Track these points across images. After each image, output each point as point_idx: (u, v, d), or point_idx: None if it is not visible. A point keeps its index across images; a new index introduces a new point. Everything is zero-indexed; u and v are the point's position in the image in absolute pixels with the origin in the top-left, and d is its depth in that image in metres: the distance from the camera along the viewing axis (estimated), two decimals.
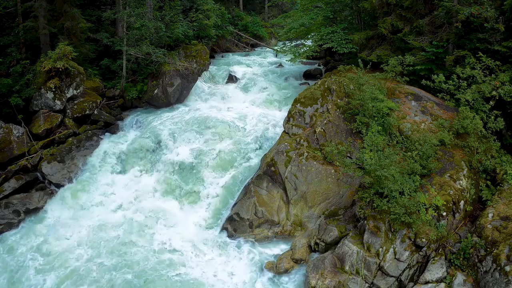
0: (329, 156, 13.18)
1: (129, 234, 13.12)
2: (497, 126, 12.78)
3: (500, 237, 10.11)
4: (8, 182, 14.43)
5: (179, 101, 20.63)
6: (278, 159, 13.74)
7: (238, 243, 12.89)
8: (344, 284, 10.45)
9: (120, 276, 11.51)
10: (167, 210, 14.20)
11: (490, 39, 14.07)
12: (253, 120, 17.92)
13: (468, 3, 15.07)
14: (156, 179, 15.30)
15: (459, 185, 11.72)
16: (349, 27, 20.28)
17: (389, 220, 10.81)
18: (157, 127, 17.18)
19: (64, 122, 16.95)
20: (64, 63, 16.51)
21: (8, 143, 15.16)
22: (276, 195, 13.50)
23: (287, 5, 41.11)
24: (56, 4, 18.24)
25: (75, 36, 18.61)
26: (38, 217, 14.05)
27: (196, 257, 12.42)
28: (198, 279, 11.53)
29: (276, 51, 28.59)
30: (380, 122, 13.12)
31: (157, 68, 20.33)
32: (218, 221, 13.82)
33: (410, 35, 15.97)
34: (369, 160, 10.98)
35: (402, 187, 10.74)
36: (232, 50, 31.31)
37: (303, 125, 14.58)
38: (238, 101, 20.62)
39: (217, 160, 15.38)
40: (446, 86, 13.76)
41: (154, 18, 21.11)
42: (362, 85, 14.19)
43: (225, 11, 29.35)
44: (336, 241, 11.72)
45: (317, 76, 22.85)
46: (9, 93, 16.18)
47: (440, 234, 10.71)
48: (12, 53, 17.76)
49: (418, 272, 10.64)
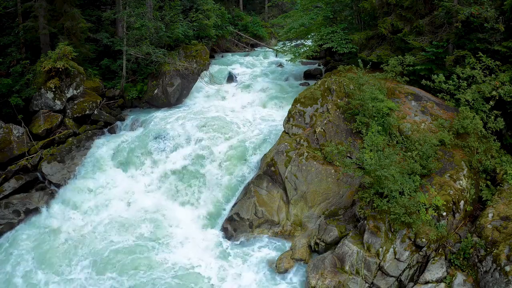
0: (329, 156, 13.18)
1: (129, 233, 13.15)
2: (497, 126, 12.78)
3: (500, 237, 10.11)
4: (8, 182, 14.43)
5: (179, 101, 20.65)
6: (278, 159, 13.75)
7: (238, 243, 12.88)
8: (344, 284, 10.45)
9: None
10: (167, 209, 14.22)
11: (490, 39, 14.07)
12: (253, 120, 17.93)
13: (468, 3, 15.07)
14: (156, 179, 15.32)
15: (459, 185, 11.72)
16: (349, 27, 20.28)
17: (389, 220, 10.81)
18: (157, 127, 17.18)
19: (64, 122, 16.95)
20: (64, 63, 16.51)
21: (8, 143, 15.16)
22: (276, 195, 13.50)
23: (287, 5, 41.11)
24: (56, 4, 18.24)
25: (75, 36, 18.62)
26: (38, 217, 14.05)
27: (195, 257, 12.42)
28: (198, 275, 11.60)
29: (276, 51, 28.58)
30: (380, 122, 13.11)
31: (157, 68, 20.33)
32: (218, 221, 13.83)
33: (410, 35, 15.96)
34: (369, 160, 10.98)
35: (402, 187, 10.74)
36: (232, 50, 31.31)
37: (303, 125, 14.58)
38: (238, 101, 20.61)
39: (216, 160, 15.38)
40: (446, 86, 13.76)
41: (154, 18, 21.12)
42: (362, 85, 14.19)
43: (225, 11, 29.35)
44: (336, 241, 11.72)
45: (317, 76, 22.86)
46: (9, 93, 16.18)
47: (440, 234, 10.71)
48: (12, 53, 17.76)
49: (418, 272, 10.64)
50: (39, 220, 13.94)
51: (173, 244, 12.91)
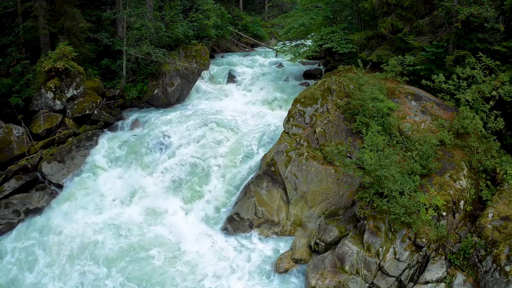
0: (329, 156, 13.18)
1: (128, 232, 13.16)
2: (497, 126, 12.78)
3: (500, 237, 10.11)
4: (8, 182, 14.44)
5: (179, 101, 20.65)
6: (278, 159, 13.75)
7: (238, 243, 12.87)
8: (344, 284, 10.45)
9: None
10: (167, 209, 14.24)
11: (490, 39, 14.07)
12: (253, 120, 17.91)
13: (468, 3, 15.09)
14: (156, 178, 15.31)
15: (459, 185, 11.72)
16: (349, 27, 20.27)
17: (389, 220, 10.81)
18: (157, 127, 17.18)
19: (64, 122, 16.95)
20: (64, 63, 16.51)
21: (8, 143, 15.16)
22: (276, 195, 13.50)
23: (287, 5, 41.13)
24: (56, 4, 18.24)
25: (75, 36, 18.62)
26: (38, 217, 14.05)
27: (196, 257, 12.43)
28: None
29: (276, 51, 28.57)
30: (380, 122, 13.11)
31: (157, 68, 20.32)
32: (218, 220, 13.83)
33: (410, 35, 15.96)
34: (369, 160, 10.98)
35: (402, 187, 10.74)
36: (232, 50, 31.29)
37: (303, 125, 14.58)
38: (238, 101, 20.63)
39: (216, 160, 15.38)
40: (446, 86, 13.76)
41: (154, 18, 21.10)
42: (362, 85, 14.19)
43: (225, 11, 29.33)
44: (336, 241, 11.71)
45: (317, 76, 22.83)
46: (9, 93, 16.19)
47: (440, 234, 10.70)
48: (12, 53, 17.76)
49: (418, 272, 10.64)
50: (39, 220, 13.94)
51: (173, 244, 12.90)
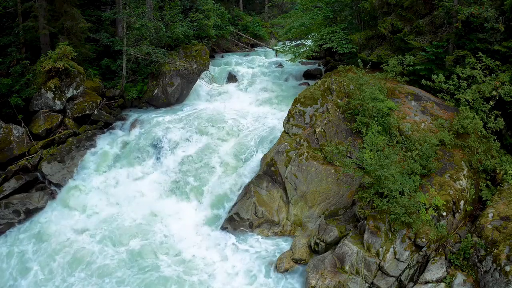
0: (329, 156, 13.18)
1: (129, 232, 13.16)
2: (497, 126, 12.78)
3: (500, 237, 10.11)
4: (8, 182, 14.44)
5: (179, 101, 20.65)
6: (278, 159, 13.75)
7: (238, 243, 12.87)
8: (344, 284, 10.45)
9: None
10: (166, 209, 14.23)
11: (490, 39, 14.07)
12: (253, 120, 17.92)
13: (468, 3, 15.09)
14: (156, 178, 15.31)
15: (459, 185, 11.72)
16: (349, 27, 20.28)
17: (389, 220, 10.81)
18: (157, 126, 17.18)
19: (64, 122, 16.96)
20: (64, 63, 16.51)
21: (8, 143, 15.17)
22: (276, 195, 13.50)
23: (287, 5, 41.14)
24: (56, 4, 18.25)
25: (75, 36, 18.63)
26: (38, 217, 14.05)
27: (196, 256, 12.43)
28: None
29: (276, 51, 28.58)
30: (380, 122, 13.11)
31: (157, 68, 20.32)
32: (218, 220, 13.82)
33: (410, 35, 15.97)
34: (369, 160, 10.98)
35: (402, 187, 10.74)
36: (232, 50, 31.30)
37: (303, 125, 14.58)
38: (238, 101, 20.62)
39: (216, 160, 15.38)
40: (446, 86, 13.76)
41: (154, 18, 21.11)
42: (362, 85, 14.19)
43: (225, 11, 29.34)
44: (336, 241, 11.71)
45: (317, 76, 22.85)
46: (9, 93, 16.20)
47: (440, 234, 10.70)
48: (12, 53, 17.77)
49: (418, 272, 10.64)
50: (39, 220, 13.94)
51: (172, 244, 12.91)
